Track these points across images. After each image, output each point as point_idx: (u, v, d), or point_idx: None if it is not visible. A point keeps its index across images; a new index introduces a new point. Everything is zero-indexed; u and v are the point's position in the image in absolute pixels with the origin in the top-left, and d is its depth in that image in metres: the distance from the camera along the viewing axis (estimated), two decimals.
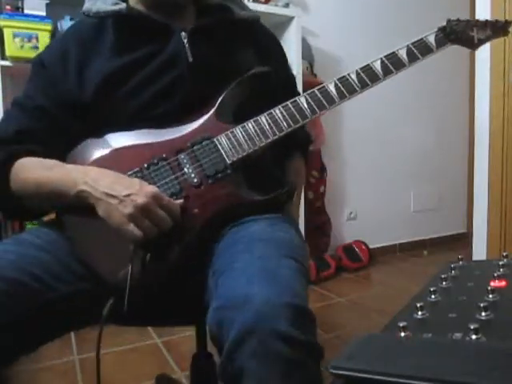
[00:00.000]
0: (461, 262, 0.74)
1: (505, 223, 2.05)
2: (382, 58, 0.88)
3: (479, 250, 2.11)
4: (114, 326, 0.86)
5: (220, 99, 0.87)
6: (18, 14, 1.81)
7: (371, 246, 2.91)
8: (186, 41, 0.89)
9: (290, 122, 0.85)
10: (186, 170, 0.81)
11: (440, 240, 3.32)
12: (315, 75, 2.67)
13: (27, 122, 0.87)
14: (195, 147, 0.83)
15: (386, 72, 0.87)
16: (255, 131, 0.84)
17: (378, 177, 3.06)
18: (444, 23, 0.90)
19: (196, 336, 1.08)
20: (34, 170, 0.82)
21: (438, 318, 0.56)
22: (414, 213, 3.25)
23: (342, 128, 2.91)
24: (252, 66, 0.91)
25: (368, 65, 0.87)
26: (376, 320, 1.92)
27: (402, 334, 0.50)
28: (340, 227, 2.96)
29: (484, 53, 1.96)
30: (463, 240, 3.23)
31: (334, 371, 0.43)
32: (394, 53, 0.88)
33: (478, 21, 0.91)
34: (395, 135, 3.09)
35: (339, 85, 0.86)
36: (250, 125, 0.85)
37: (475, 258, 2.12)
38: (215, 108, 0.86)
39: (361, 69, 0.87)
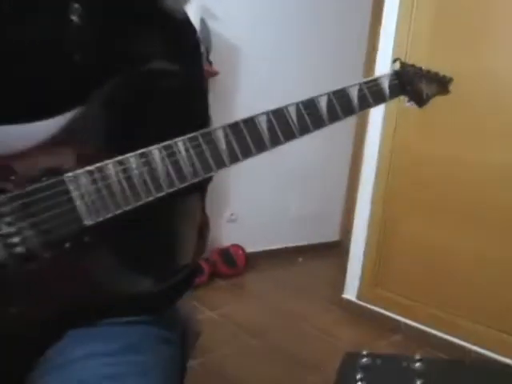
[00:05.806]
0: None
1: (383, 239, 2.18)
2: (329, 95, 0.62)
3: (355, 264, 2.30)
4: None
5: (91, 100, 0.51)
6: None
7: (249, 250, 2.79)
8: None
9: (199, 169, 0.52)
10: (4, 228, 0.46)
11: (315, 247, 3.35)
12: (210, 62, 2.42)
13: None
14: (28, 188, 0.47)
15: (332, 117, 0.62)
16: (140, 175, 0.50)
17: (261, 179, 2.93)
18: (397, 65, 0.69)
19: None
20: None
21: None
22: (293, 219, 3.21)
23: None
24: (153, 55, 0.58)
25: (312, 100, 0.61)
26: (247, 342, 1.87)
27: None
28: (218, 229, 2.78)
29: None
30: (336, 248, 3.34)
31: None
32: (343, 90, 0.63)
33: (428, 71, 0.75)
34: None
35: (274, 121, 0.58)
36: (132, 160, 0.49)
37: (349, 268, 2.31)
38: (77, 114, 0.51)
39: (302, 104, 0.60)
